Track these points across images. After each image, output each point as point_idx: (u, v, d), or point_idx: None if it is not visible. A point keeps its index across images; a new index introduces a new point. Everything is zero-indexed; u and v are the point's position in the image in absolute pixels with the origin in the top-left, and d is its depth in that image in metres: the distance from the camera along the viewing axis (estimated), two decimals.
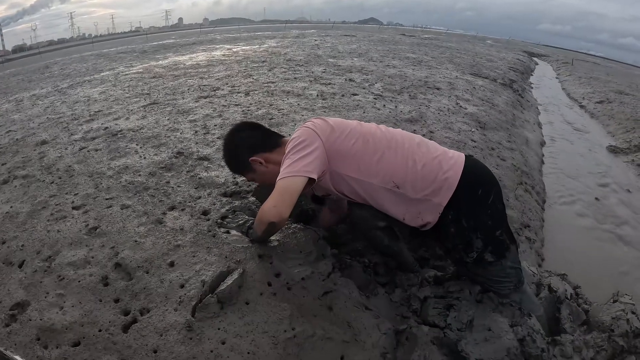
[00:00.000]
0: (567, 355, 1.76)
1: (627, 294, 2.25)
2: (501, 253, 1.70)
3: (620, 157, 5.43)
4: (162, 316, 1.55)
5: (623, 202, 4.04)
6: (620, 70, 21.00)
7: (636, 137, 5.98)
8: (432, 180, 1.64)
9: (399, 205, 1.68)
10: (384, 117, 4.34)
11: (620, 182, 4.53)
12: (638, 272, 2.87)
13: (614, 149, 5.66)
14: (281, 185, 1.59)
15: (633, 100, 8.66)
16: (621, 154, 5.51)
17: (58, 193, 2.56)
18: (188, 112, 4.38)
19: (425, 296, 1.91)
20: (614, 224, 3.60)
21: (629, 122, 6.82)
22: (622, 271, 2.91)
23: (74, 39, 38.04)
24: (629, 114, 7.34)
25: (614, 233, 3.47)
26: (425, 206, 1.65)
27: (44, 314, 1.58)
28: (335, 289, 1.76)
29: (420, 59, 10.24)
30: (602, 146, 5.87)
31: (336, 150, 1.67)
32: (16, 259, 1.94)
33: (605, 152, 5.64)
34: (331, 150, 1.66)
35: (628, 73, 20.09)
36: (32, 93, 6.59)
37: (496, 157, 3.96)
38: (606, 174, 4.78)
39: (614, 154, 5.55)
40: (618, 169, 5.01)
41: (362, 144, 1.69)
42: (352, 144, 1.69)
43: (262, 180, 1.87)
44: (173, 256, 1.87)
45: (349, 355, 1.51)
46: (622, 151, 5.57)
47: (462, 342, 1.66)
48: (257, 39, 15.90)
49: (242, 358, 1.41)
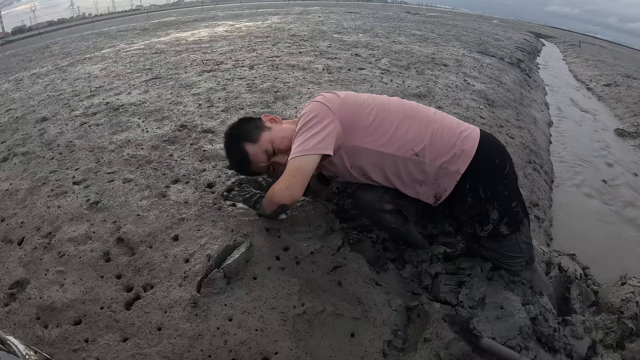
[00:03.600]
0: (578, 336, 1.75)
1: (635, 277, 2.27)
2: (516, 226, 1.67)
3: (627, 140, 5.46)
4: (167, 292, 1.50)
5: (630, 185, 4.09)
6: (628, 55, 20.96)
7: None
8: (450, 147, 1.59)
9: (416, 174, 1.62)
10: (392, 92, 4.26)
11: (627, 166, 4.57)
12: None
13: (621, 132, 5.69)
14: (293, 165, 1.52)
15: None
16: (629, 137, 5.55)
17: (58, 169, 2.50)
18: (191, 86, 4.30)
19: (437, 272, 1.87)
20: (621, 206, 3.64)
21: (636, 106, 6.85)
22: (629, 253, 2.93)
23: (74, 19, 37.61)
24: (636, 97, 7.35)
25: (621, 215, 3.50)
26: (442, 173, 1.60)
27: (43, 292, 1.55)
28: (345, 263, 1.72)
29: (426, 36, 10.08)
30: (610, 129, 5.89)
31: (351, 122, 1.60)
32: (15, 236, 1.90)
33: (612, 135, 5.65)
34: (345, 122, 1.59)
35: (636, 58, 20.00)
36: (32, 72, 6.50)
37: (505, 135, 3.93)
38: (614, 156, 4.82)
39: (622, 137, 5.57)
40: (625, 152, 5.06)
41: (377, 115, 1.62)
42: (367, 114, 1.62)
43: (283, 140, 1.69)
44: (177, 230, 1.81)
45: (359, 332, 1.48)
46: (629, 135, 5.60)
47: (474, 319, 1.62)
48: (259, 15, 15.66)
49: (250, 335, 1.37)
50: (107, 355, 1.31)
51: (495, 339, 1.58)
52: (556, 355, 1.64)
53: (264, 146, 1.66)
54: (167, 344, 1.32)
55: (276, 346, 1.35)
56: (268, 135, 1.68)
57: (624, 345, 1.86)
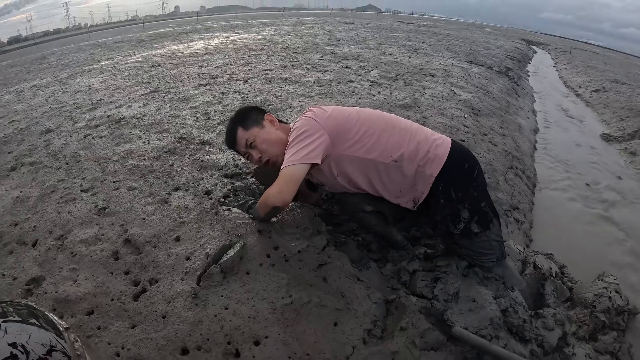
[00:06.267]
0: (549, 327, 1.87)
1: (612, 275, 2.36)
2: (486, 224, 1.87)
3: (613, 145, 5.50)
4: (170, 285, 1.68)
5: (613, 188, 4.10)
6: (619, 60, 20.75)
7: (630, 125, 6.06)
8: (425, 153, 1.80)
9: (397, 178, 1.83)
10: (379, 103, 4.43)
11: (611, 169, 4.58)
12: (625, 255, 2.96)
13: (607, 137, 5.72)
14: (285, 173, 1.72)
15: (629, 90, 8.67)
16: (614, 141, 5.58)
17: (66, 178, 2.68)
18: (188, 100, 4.48)
19: (414, 269, 2.03)
20: (603, 209, 3.67)
21: (623, 111, 6.91)
22: (609, 254, 2.98)
23: (70, 29, 37.85)
24: (623, 102, 7.41)
25: (603, 217, 3.54)
26: (419, 177, 1.81)
27: (58, 287, 1.71)
28: (330, 261, 1.88)
29: (417, 47, 10.25)
30: (596, 134, 5.94)
31: (337, 133, 1.80)
32: (29, 238, 2.07)
33: (598, 140, 5.69)
34: (332, 134, 1.79)
35: (626, 62, 19.90)
36: (32, 84, 6.66)
37: (488, 142, 4.04)
38: (598, 161, 4.84)
39: (607, 141, 5.62)
40: (610, 156, 5.07)
41: (361, 126, 1.83)
42: (352, 126, 1.82)
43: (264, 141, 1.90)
44: (178, 232, 2.00)
45: (342, 322, 1.63)
46: (615, 139, 5.63)
47: (448, 311, 1.77)
48: (254, 26, 15.84)
49: (244, 321, 1.54)
50: (118, 340, 1.47)
51: (467, 328, 1.70)
52: (527, 344, 1.77)
53: (249, 137, 1.90)
54: (171, 329, 1.50)
55: (266, 331, 1.52)
56: (257, 131, 1.90)
57: (597, 338, 1.97)
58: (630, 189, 4.11)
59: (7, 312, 1.01)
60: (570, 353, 1.82)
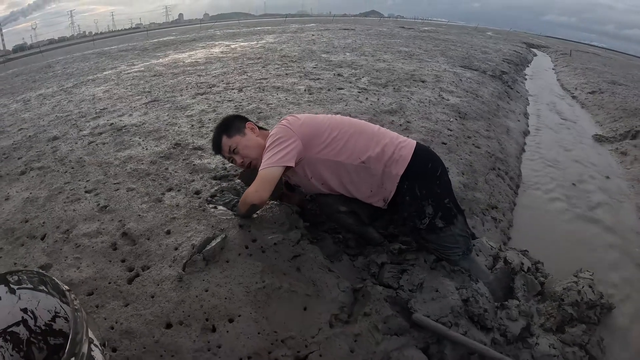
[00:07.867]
0: (513, 318, 1.97)
1: (588, 271, 2.42)
2: (450, 219, 2.03)
3: (605, 145, 5.51)
4: (159, 271, 1.93)
5: (600, 187, 4.10)
6: (619, 61, 20.51)
7: (622, 126, 6.07)
8: (390, 154, 1.98)
9: (366, 179, 2.01)
10: (364, 109, 4.63)
11: (600, 169, 4.57)
12: (603, 252, 3.02)
13: (599, 138, 5.73)
14: (262, 174, 1.94)
15: (625, 91, 8.65)
16: (606, 142, 5.59)
17: (72, 180, 2.95)
18: (185, 108, 4.75)
19: (383, 262, 2.21)
20: (586, 208, 3.69)
21: (617, 112, 6.92)
22: (590, 252, 3.02)
23: (75, 37, 38.37)
24: (618, 103, 7.40)
25: (585, 216, 3.56)
26: (386, 177, 1.98)
27: (64, 273, 1.96)
28: (304, 253, 2.09)
29: (412, 53, 10.43)
30: (588, 135, 5.93)
31: (309, 139, 2.01)
32: (38, 233, 2.33)
33: (590, 141, 5.69)
34: (305, 139, 2.00)
35: (627, 64, 19.61)
36: (39, 93, 6.93)
37: (470, 145, 4.11)
38: (588, 161, 4.84)
39: (599, 142, 5.62)
40: (601, 156, 5.07)
41: (332, 132, 2.03)
42: (322, 132, 2.03)
43: (245, 147, 2.14)
44: (169, 226, 2.25)
45: (311, 307, 1.81)
46: (607, 140, 5.63)
47: (411, 300, 1.91)
48: (256, 34, 16.10)
49: (220, 302, 1.76)
50: (113, 316, 1.71)
51: (429, 316, 1.83)
52: (489, 333, 1.87)
53: (232, 144, 2.14)
54: (158, 307, 1.74)
55: (240, 311, 1.72)
56: (239, 138, 2.14)
57: (564, 330, 2.03)
58: (618, 188, 4.13)
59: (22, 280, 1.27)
60: (534, 343, 1.90)
